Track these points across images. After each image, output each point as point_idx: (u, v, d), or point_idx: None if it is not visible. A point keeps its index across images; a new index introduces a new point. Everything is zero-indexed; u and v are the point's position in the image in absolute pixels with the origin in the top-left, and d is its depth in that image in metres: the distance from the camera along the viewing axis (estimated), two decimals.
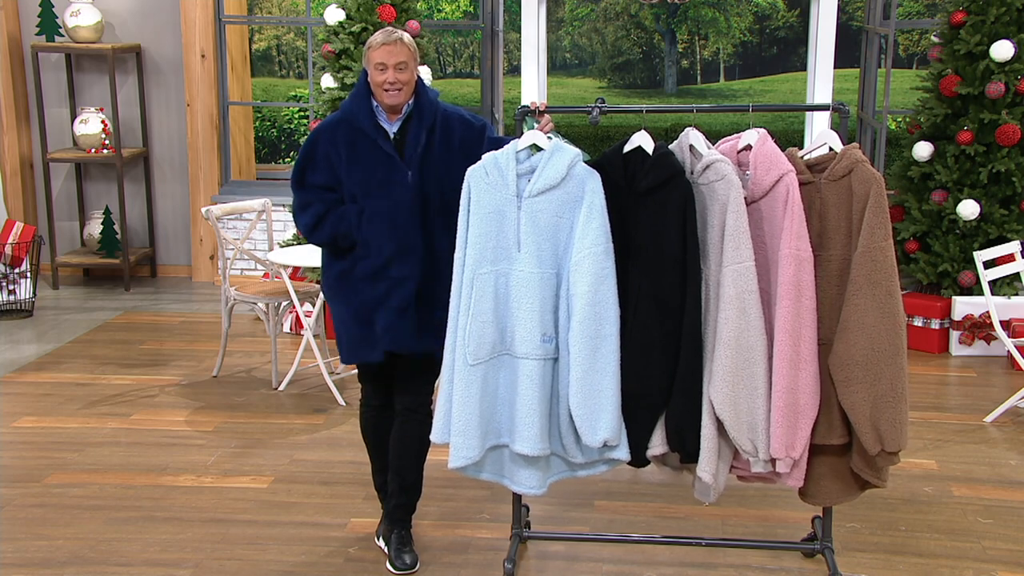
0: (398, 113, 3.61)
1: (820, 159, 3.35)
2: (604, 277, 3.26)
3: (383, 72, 3.52)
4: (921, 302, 6.32)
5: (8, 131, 7.69)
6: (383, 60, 3.50)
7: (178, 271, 8.09)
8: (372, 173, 3.60)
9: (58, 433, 5.01)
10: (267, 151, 12.58)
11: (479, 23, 7.71)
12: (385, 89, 3.53)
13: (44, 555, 3.85)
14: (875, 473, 3.33)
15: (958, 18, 6.31)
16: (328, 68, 6.65)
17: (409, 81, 3.56)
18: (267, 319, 5.71)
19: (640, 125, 3.41)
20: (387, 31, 3.56)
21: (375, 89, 3.57)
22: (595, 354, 3.26)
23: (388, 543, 3.82)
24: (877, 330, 3.19)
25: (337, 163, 3.63)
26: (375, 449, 3.90)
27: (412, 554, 3.77)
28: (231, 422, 5.15)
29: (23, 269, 6.98)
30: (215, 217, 5.59)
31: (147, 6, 7.73)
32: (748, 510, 4.21)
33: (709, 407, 3.27)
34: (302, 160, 3.68)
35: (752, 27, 16.02)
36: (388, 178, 3.60)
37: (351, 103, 3.64)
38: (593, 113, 3.46)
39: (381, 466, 3.90)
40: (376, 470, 3.94)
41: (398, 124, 3.62)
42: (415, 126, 3.60)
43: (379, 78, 3.53)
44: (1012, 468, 4.64)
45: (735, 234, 3.19)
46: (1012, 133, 6.11)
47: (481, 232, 3.32)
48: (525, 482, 3.42)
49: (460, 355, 3.32)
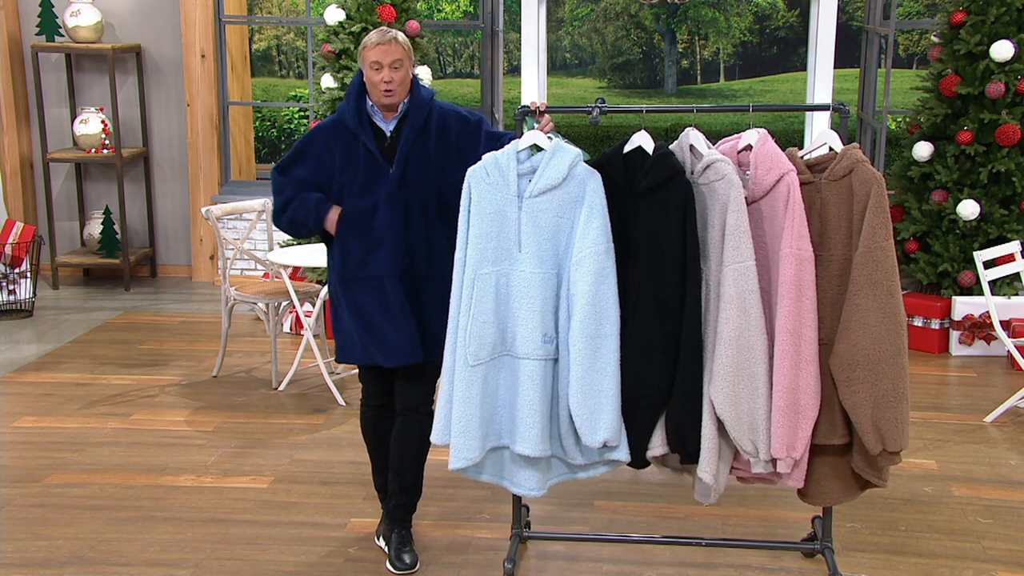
0: (394, 111, 3.62)
1: (820, 159, 3.35)
2: (605, 277, 3.26)
3: (379, 71, 3.53)
4: (921, 302, 6.32)
5: (8, 131, 7.70)
6: (378, 59, 3.52)
7: (178, 271, 8.09)
8: (357, 173, 3.62)
9: (58, 433, 5.01)
10: (267, 151, 12.58)
11: (479, 23, 7.71)
12: (381, 89, 3.54)
13: (44, 555, 3.85)
14: (876, 473, 3.34)
15: (958, 18, 6.31)
16: (328, 68, 6.65)
17: (404, 80, 3.57)
18: (267, 319, 5.71)
19: (640, 125, 3.41)
20: (382, 30, 3.57)
21: (371, 88, 3.58)
22: (595, 354, 3.26)
23: (388, 543, 3.81)
24: (878, 330, 3.20)
25: (331, 165, 3.64)
26: (375, 449, 3.90)
27: (412, 554, 3.77)
28: (231, 422, 5.15)
29: (23, 269, 6.98)
30: (215, 217, 5.59)
31: (147, 6, 7.73)
32: (748, 510, 4.21)
33: (709, 407, 3.26)
34: (292, 153, 3.72)
35: (752, 27, 16.03)
36: (371, 176, 3.61)
37: (344, 104, 3.68)
38: (593, 113, 3.46)
39: (381, 466, 3.90)
40: (376, 470, 3.94)
41: (394, 123, 3.64)
42: (408, 125, 3.61)
43: (375, 77, 3.54)
44: (1012, 468, 4.64)
45: (735, 234, 3.19)
46: (1012, 133, 6.10)
47: (482, 232, 3.32)
48: (525, 483, 3.42)
49: (461, 356, 3.32)
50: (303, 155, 3.68)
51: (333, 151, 3.63)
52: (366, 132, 3.61)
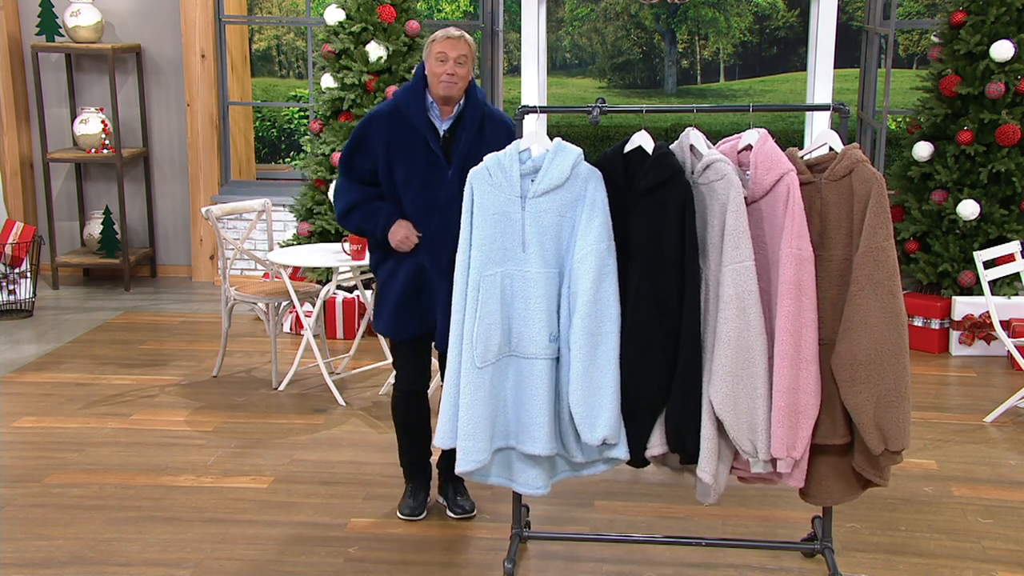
0: (451, 108, 3.74)
1: (820, 159, 3.35)
2: (606, 275, 3.27)
3: (443, 63, 3.66)
4: (921, 302, 6.32)
5: (8, 131, 7.69)
6: (445, 51, 3.65)
7: (178, 271, 8.09)
8: (415, 169, 3.77)
9: (58, 433, 5.01)
10: (267, 151, 12.57)
11: (479, 23, 7.71)
12: (443, 80, 3.66)
13: (44, 555, 3.85)
14: (877, 472, 3.34)
15: (958, 18, 6.31)
16: (328, 68, 6.65)
17: (466, 76, 3.71)
18: (267, 319, 5.71)
19: (640, 125, 3.41)
20: (451, 29, 3.73)
21: (432, 79, 3.70)
22: (595, 351, 3.26)
23: (445, 496, 4.15)
24: (880, 330, 3.19)
25: (383, 152, 3.77)
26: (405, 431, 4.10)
27: (469, 500, 4.13)
28: (231, 422, 5.15)
29: (23, 269, 6.98)
30: (215, 217, 5.59)
31: (147, 6, 7.73)
32: (748, 510, 4.21)
33: (709, 407, 3.26)
34: (352, 143, 3.84)
35: (752, 27, 16.02)
36: (430, 175, 3.76)
37: (404, 95, 3.80)
38: (593, 113, 3.46)
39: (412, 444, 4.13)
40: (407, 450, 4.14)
41: (449, 122, 3.77)
42: (464, 126, 3.74)
43: (438, 68, 3.67)
44: (1012, 468, 4.64)
45: (735, 234, 3.19)
46: (1012, 133, 6.11)
47: (486, 234, 3.32)
48: (532, 483, 3.43)
49: (467, 358, 3.32)
50: (363, 144, 3.82)
51: (389, 138, 3.76)
52: (430, 129, 3.74)
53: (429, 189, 3.75)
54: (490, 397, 3.33)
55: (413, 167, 3.75)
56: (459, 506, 4.11)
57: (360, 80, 6.49)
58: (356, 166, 3.85)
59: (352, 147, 3.85)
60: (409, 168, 3.76)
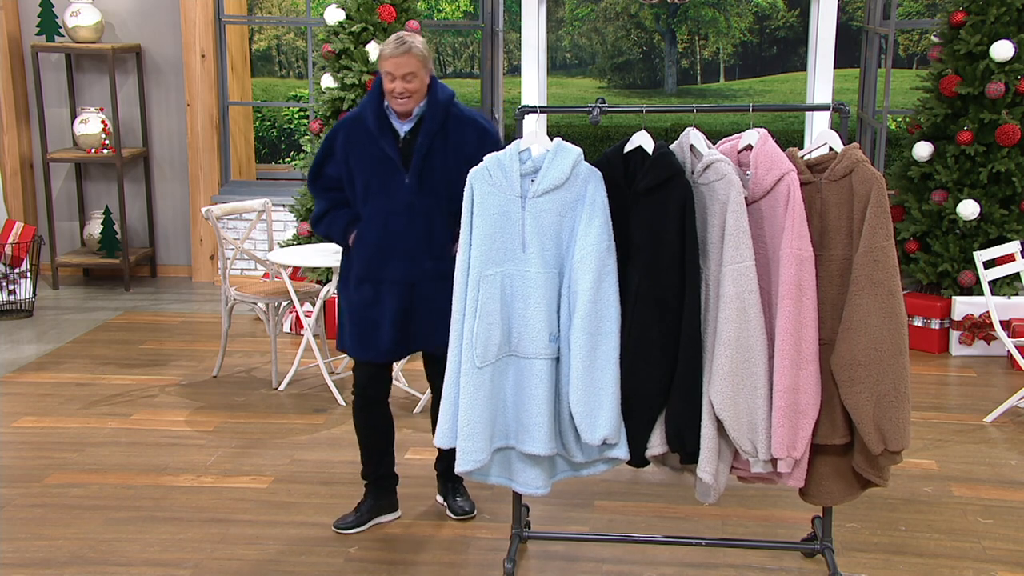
0: (409, 115, 3.72)
1: (820, 159, 3.35)
2: (606, 275, 3.27)
3: (392, 81, 3.65)
4: (921, 302, 6.32)
5: (8, 131, 7.69)
6: (391, 71, 3.63)
7: (178, 271, 8.09)
8: (373, 174, 3.77)
9: (58, 433, 5.01)
10: (267, 151, 12.57)
11: (479, 23, 7.71)
12: (394, 97, 3.66)
13: (44, 555, 3.85)
14: (877, 472, 3.34)
15: (958, 18, 6.31)
16: (328, 68, 6.65)
17: (418, 89, 3.68)
18: (267, 319, 5.71)
19: (640, 125, 3.41)
20: (399, 40, 3.64)
21: (386, 94, 3.70)
22: (595, 351, 3.26)
23: (445, 497, 4.17)
24: (880, 330, 3.20)
25: (343, 160, 3.78)
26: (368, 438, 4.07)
27: (469, 501, 4.14)
28: (231, 422, 5.15)
29: (23, 269, 6.98)
30: (215, 217, 5.59)
31: (147, 6, 7.73)
32: (748, 510, 4.21)
33: (709, 407, 3.26)
34: (321, 153, 3.86)
35: (752, 27, 16.02)
36: (387, 180, 3.74)
37: (364, 101, 3.80)
38: (593, 113, 3.46)
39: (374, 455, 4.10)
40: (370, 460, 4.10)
41: (410, 125, 3.75)
42: (423, 129, 3.71)
43: (388, 86, 3.67)
44: (1012, 468, 4.64)
45: (735, 234, 3.19)
46: (1012, 133, 6.10)
47: (486, 234, 3.32)
48: (532, 483, 3.43)
49: (467, 358, 3.32)
50: (331, 151, 3.84)
51: (352, 146, 3.76)
52: (385, 134, 3.72)
53: (386, 195, 3.73)
54: (490, 397, 3.33)
55: (371, 174, 3.75)
56: (459, 507, 4.13)
57: (360, 80, 6.49)
58: (325, 174, 3.87)
59: (321, 157, 3.87)
60: (367, 175, 3.75)
